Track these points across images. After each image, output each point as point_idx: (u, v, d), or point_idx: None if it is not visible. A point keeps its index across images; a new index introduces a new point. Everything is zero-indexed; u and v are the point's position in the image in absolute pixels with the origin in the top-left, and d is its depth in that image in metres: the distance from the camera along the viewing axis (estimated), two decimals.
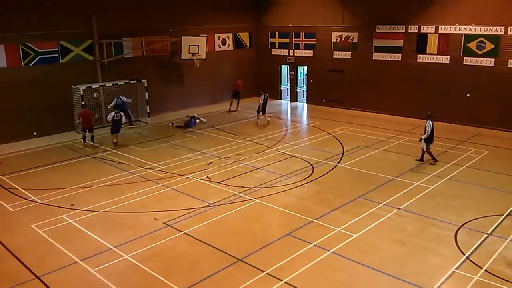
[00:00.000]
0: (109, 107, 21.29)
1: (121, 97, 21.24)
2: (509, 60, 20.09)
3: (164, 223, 11.90)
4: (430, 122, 16.10)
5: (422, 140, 16.25)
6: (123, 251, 10.49)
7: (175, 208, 12.82)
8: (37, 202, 13.51)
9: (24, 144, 19.47)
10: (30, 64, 20.22)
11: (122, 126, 20.11)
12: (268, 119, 22.89)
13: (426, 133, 16.04)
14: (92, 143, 19.27)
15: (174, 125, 22.56)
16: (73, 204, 13.17)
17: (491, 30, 20.40)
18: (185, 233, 11.34)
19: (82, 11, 21.36)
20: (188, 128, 22.01)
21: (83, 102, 20.41)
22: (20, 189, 14.55)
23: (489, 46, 20.56)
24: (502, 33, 20.14)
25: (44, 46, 20.52)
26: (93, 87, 21.32)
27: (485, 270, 9.47)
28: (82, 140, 19.57)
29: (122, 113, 19.88)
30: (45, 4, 20.18)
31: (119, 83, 22.15)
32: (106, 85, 21.86)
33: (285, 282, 9.16)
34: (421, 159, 16.35)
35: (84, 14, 21.44)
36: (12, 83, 19.72)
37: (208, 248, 10.63)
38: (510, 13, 19.80)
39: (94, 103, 21.44)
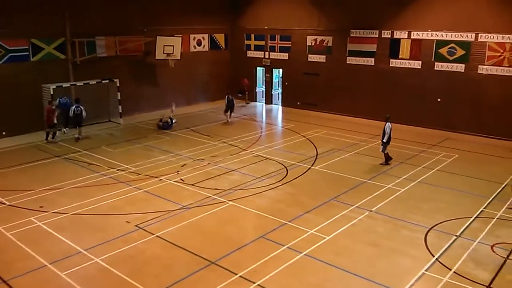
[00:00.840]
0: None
1: (65, 97, 20.84)
2: (479, 66, 20.59)
3: (136, 225, 11.74)
4: (390, 124, 16.41)
5: (380, 142, 16.63)
6: (94, 254, 10.30)
7: (147, 210, 12.67)
8: (5, 204, 13.14)
9: None
10: (0, 62, 19.71)
11: (82, 125, 20.19)
12: (229, 119, 23.24)
13: (387, 135, 16.32)
14: (52, 139, 19.47)
15: (161, 121, 22.25)
16: (41, 206, 12.86)
17: (462, 36, 20.88)
18: (157, 236, 11.22)
19: (54, 8, 20.94)
20: (165, 130, 21.77)
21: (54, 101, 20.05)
22: None
23: (460, 52, 21.04)
24: (473, 39, 20.63)
25: (15, 44, 20.03)
26: (64, 86, 20.90)
27: (454, 271, 9.66)
28: (45, 137, 19.57)
29: (82, 107, 19.81)
30: (16, 1, 19.73)
31: (90, 83, 21.78)
32: (78, 84, 21.46)
33: (258, 285, 9.16)
34: (386, 162, 16.63)
35: (56, 12, 21.02)
36: None
37: (181, 251, 10.54)
38: (481, 20, 20.31)
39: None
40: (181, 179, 15.15)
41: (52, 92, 19.99)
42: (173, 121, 22.38)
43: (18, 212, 12.55)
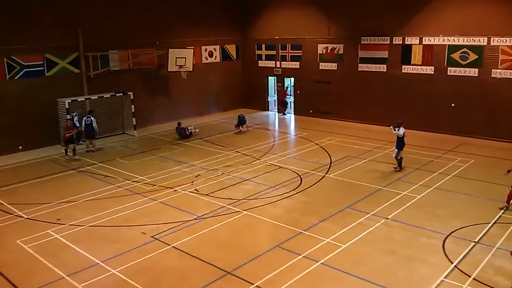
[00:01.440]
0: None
1: (76, 113, 20.69)
2: (492, 70, 20.41)
3: (152, 236, 11.78)
4: (403, 128, 16.35)
5: (395, 148, 16.55)
6: (110, 266, 10.35)
7: (162, 221, 12.71)
8: (22, 217, 13.30)
9: (9, 159, 19.23)
10: (15, 78, 20.04)
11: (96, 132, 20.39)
12: (241, 128, 23.56)
13: (398, 134, 16.29)
14: (66, 154, 19.25)
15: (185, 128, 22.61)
16: (59, 219, 12.99)
17: (474, 41, 20.74)
18: (173, 246, 11.25)
19: (67, 24, 21.28)
20: (180, 136, 22.07)
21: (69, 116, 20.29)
22: (5, 204, 14.33)
23: (473, 56, 20.89)
24: (485, 43, 20.47)
25: (30, 59, 20.37)
26: (78, 100, 21.18)
27: (473, 278, 9.51)
28: (64, 153, 19.45)
29: (92, 118, 19.97)
30: (30, 17, 20.10)
31: (105, 96, 22.05)
32: (92, 98, 21.74)
33: None
34: (399, 167, 16.50)
35: (69, 27, 21.35)
36: None
37: (197, 262, 10.54)
38: (493, 23, 20.18)
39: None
40: (195, 189, 15.20)
41: (67, 106, 20.25)
42: (192, 131, 22.58)
43: (36, 225, 12.68)
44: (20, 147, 20.29)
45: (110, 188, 15.53)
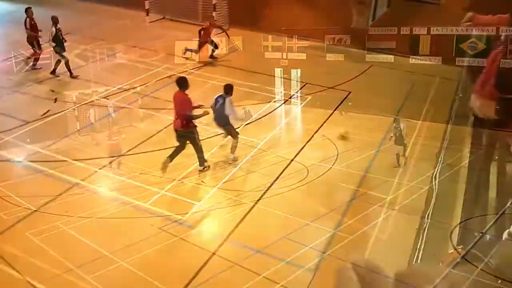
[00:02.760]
0: None
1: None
2: (501, 60, 20.14)
3: (160, 228, 11.85)
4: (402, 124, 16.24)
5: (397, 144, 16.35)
6: (119, 258, 10.43)
7: (170, 212, 12.77)
8: (31, 209, 13.40)
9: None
10: None
11: None
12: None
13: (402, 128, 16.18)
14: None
15: None
16: (67, 211, 13.07)
17: (483, 31, 20.48)
18: (181, 238, 11.31)
19: None
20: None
21: None
22: (13, 196, 14.41)
23: (481, 47, 20.64)
24: (494, 33, 20.21)
25: None
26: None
27: (480, 269, 9.49)
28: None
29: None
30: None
31: None
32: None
33: (281, 286, 9.15)
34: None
35: None
36: None
37: (204, 253, 10.59)
38: (502, 13, 19.87)
39: None
40: (202, 181, 15.23)
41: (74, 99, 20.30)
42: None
43: (44, 217, 12.77)
44: (28, 140, 20.36)
45: (117, 180, 15.59)
